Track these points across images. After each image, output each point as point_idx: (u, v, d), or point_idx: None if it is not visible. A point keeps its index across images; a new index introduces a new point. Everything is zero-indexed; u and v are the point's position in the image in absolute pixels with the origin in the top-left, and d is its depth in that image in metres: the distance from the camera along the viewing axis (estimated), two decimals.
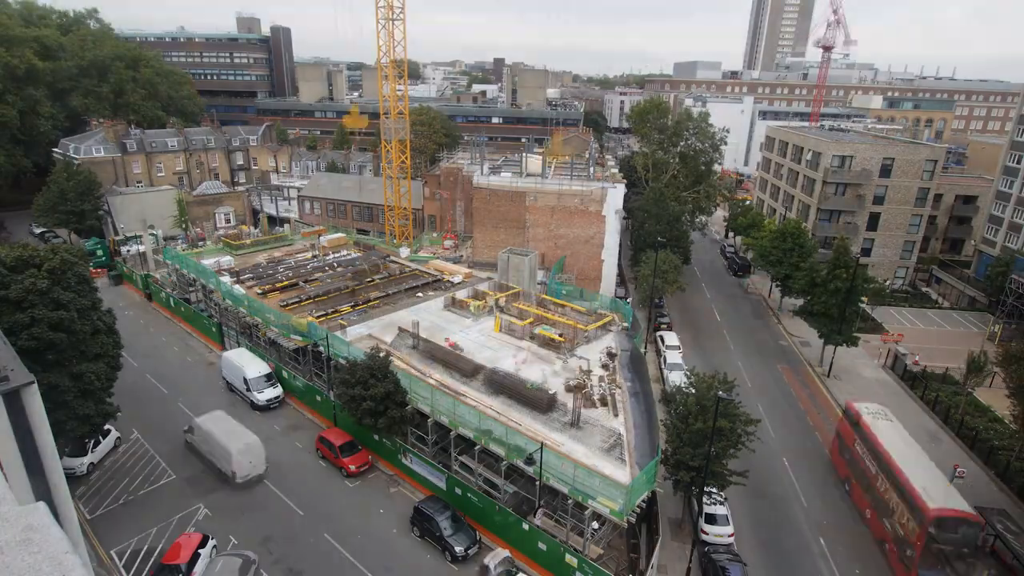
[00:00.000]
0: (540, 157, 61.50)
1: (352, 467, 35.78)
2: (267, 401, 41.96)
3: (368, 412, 32.54)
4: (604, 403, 34.16)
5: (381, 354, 34.13)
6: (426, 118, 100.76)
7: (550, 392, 34.12)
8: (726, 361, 51.46)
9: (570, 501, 27.38)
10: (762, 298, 68.38)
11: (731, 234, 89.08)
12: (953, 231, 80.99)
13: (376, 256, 59.81)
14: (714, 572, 29.01)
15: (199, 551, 28.07)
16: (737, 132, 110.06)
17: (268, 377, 42.74)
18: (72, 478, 31.53)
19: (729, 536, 31.53)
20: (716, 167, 76.63)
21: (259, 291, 49.21)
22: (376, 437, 35.89)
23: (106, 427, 35.49)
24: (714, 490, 31.79)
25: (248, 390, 42.02)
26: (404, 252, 60.57)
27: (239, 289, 48.62)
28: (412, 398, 33.66)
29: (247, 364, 42.88)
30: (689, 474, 29.70)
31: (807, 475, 38.12)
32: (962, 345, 50.76)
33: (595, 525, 28.11)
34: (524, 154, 63.44)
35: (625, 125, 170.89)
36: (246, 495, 33.86)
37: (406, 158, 65.21)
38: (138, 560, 28.96)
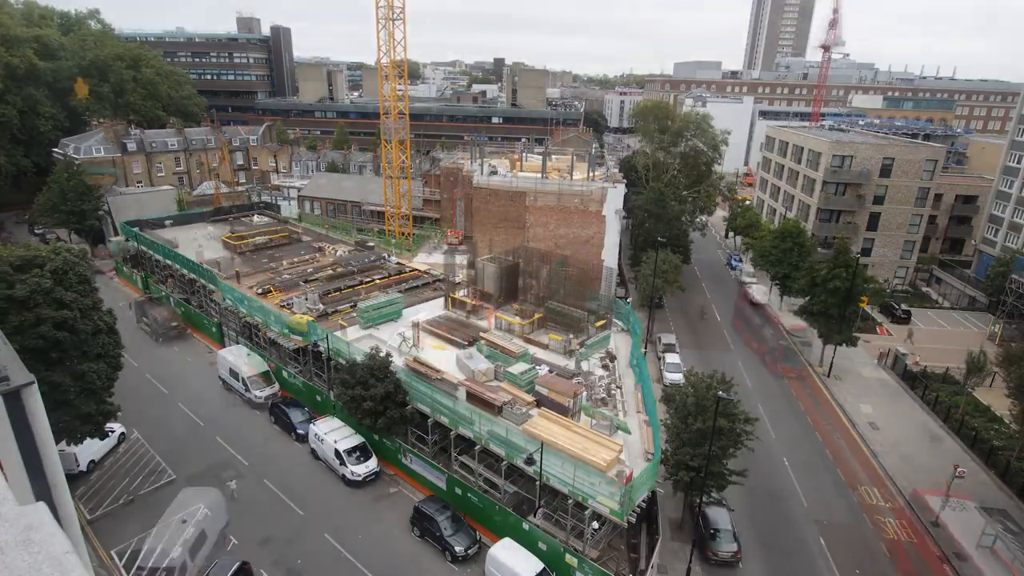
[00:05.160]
0: (540, 157, 61.42)
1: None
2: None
3: (368, 412, 32.57)
4: (604, 403, 34.16)
5: (381, 354, 34.11)
6: None
7: None
8: (726, 361, 51.41)
9: (570, 501, 27.37)
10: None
11: (731, 234, 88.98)
12: (953, 231, 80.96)
13: (375, 256, 59.76)
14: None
15: None
16: (737, 132, 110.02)
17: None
18: (72, 477, 31.48)
19: None
20: (718, 167, 76.59)
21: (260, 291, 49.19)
22: (376, 437, 35.91)
23: (110, 425, 35.42)
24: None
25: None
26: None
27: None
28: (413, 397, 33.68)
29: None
30: (689, 474, 29.73)
31: (807, 474, 38.12)
32: (962, 345, 50.76)
33: (595, 525, 28.09)
34: (523, 153, 63.34)
35: (625, 125, 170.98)
36: (246, 495, 33.87)
37: (406, 158, 65.24)
38: (138, 560, 28.92)
